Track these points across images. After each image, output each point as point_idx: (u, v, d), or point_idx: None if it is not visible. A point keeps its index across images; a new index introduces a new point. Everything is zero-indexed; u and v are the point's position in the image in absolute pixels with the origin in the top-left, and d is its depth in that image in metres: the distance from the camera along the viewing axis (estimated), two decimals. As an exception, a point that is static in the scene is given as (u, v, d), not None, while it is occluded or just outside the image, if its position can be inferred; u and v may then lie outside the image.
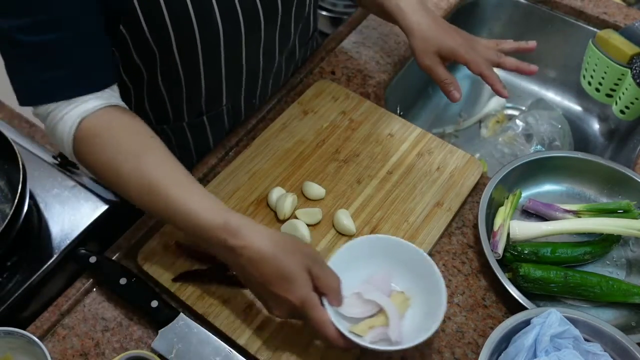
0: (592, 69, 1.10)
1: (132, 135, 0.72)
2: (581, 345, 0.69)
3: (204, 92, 0.89)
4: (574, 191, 0.95)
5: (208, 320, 0.76)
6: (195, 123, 0.95)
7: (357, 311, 0.72)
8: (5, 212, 0.90)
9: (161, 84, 0.86)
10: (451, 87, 0.86)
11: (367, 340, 0.69)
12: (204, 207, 0.68)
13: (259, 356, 0.73)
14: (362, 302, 0.73)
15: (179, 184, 0.69)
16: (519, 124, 1.19)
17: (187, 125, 0.95)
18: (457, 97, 0.86)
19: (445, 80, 0.86)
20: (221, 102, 0.93)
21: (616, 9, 1.19)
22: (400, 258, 0.76)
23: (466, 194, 0.91)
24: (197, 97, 0.89)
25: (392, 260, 0.76)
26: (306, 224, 0.84)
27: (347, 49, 1.13)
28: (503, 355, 0.69)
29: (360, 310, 0.72)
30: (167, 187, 0.68)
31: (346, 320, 0.71)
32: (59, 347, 0.76)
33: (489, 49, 0.89)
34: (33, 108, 0.72)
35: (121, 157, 0.70)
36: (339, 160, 0.93)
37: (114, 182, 0.71)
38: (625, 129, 1.20)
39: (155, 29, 0.75)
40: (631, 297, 0.80)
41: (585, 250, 0.85)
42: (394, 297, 0.74)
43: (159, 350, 0.74)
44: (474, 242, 0.87)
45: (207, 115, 0.94)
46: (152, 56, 0.80)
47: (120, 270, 0.79)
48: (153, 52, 0.79)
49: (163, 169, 0.70)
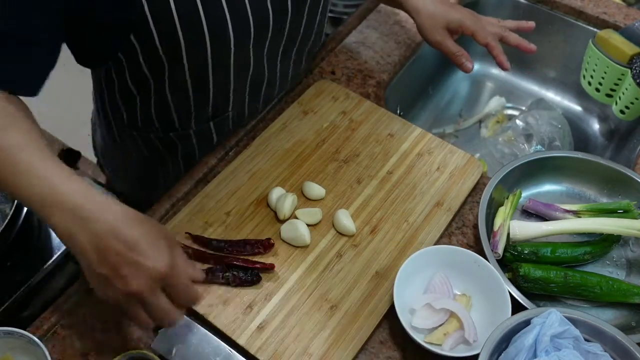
0: (592, 69, 1.10)
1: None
2: (581, 345, 0.69)
3: (211, 99, 0.88)
4: (574, 191, 0.95)
5: (208, 320, 0.76)
6: (202, 129, 0.95)
7: (431, 322, 0.76)
8: (5, 212, 0.90)
9: (168, 92, 0.85)
10: (463, 59, 0.91)
11: (446, 349, 0.73)
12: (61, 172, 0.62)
13: (259, 356, 0.73)
14: (432, 311, 0.76)
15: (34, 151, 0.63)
16: (519, 124, 1.19)
17: (193, 133, 0.95)
18: (470, 68, 0.91)
19: (457, 53, 0.92)
20: (228, 107, 0.92)
21: (616, 9, 1.19)
22: (451, 263, 0.80)
23: (466, 194, 0.91)
24: (204, 104, 0.89)
25: (445, 266, 0.80)
26: (306, 224, 0.84)
27: (347, 49, 1.13)
28: (503, 355, 0.69)
29: (433, 320, 0.76)
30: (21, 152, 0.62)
31: (419, 332, 0.75)
32: (59, 347, 0.76)
33: (493, 24, 0.95)
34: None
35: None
36: (339, 160, 0.93)
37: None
38: (625, 129, 1.20)
39: (165, 36, 0.75)
40: (631, 297, 0.80)
41: (585, 250, 0.85)
42: (459, 300, 0.78)
43: (159, 351, 0.74)
44: (474, 242, 0.87)
45: (214, 121, 0.94)
46: (160, 65, 0.79)
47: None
48: (162, 61, 0.78)
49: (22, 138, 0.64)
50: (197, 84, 0.84)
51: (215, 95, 0.88)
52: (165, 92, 0.85)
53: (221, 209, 0.86)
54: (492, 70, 1.37)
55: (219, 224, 0.84)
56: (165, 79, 0.82)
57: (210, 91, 0.86)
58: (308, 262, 0.82)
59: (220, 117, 0.94)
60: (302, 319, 0.77)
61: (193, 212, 0.85)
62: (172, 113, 0.90)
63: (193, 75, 0.82)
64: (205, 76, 0.83)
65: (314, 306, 0.78)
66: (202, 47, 0.77)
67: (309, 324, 0.76)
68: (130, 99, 0.88)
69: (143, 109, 0.90)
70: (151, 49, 0.76)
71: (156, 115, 0.91)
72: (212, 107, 0.90)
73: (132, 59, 0.79)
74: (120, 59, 0.79)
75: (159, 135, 0.95)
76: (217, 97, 0.89)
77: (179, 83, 0.83)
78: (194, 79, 0.83)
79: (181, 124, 0.92)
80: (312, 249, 0.83)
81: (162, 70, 0.80)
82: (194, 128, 0.94)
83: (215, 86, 0.86)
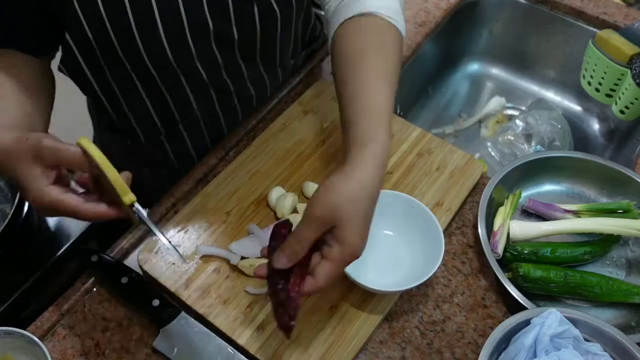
0: (592, 69, 1.10)
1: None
2: (581, 345, 0.69)
3: (170, 103, 0.88)
4: (574, 191, 0.95)
5: (208, 320, 0.76)
6: (172, 132, 0.95)
7: None
8: (5, 212, 0.90)
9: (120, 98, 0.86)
10: None
11: None
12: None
13: (259, 356, 0.73)
14: None
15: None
16: (519, 124, 1.19)
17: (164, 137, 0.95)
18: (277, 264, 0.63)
19: None
20: (192, 109, 0.92)
21: (616, 9, 1.19)
22: (397, 209, 0.81)
23: (466, 194, 0.91)
24: (165, 108, 0.89)
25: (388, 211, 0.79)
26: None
27: (347, 49, 1.12)
28: (503, 355, 0.69)
29: None
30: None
31: None
32: (59, 347, 0.76)
33: None
34: None
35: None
36: (339, 160, 0.93)
37: None
38: (625, 129, 1.20)
39: (98, 37, 0.75)
40: (631, 297, 0.80)
41: (585, 250, 0.85)
42: None
43: (160, 349, 0.74)
44: (474, 242, 0.87)
45: (183, 123, 0.94)
46: (100, 68, 0.80)
47: (122, 269, 0.79)
48: (101, 64, 0.79)
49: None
50: (147, 86, 0.85)
51: (172, 96, 0.88)
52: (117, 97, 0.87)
53: (221, 208, 0.86)
54: (492, 70, 1.37)
55: (219, 224, 0.85)
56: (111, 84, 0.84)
57: (165, 93, 0.86)
58: (308, 262, 0.82)
59: (189, 118, 0.93)
60: (302, 319, 0.77)
61: (193, 212, 0.86)
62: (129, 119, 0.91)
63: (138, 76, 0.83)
64: (150, 78, 0.83)
65: (313, 306, 0.78)
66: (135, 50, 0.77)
67: (309, 324, 0.76)
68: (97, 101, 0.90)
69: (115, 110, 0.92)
70: (87, 49, 0.77)
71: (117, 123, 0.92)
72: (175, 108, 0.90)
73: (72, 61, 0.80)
74: None
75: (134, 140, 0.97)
76: (175, 99, 0.88)
77: (126, 85, 0.84)
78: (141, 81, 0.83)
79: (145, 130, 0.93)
80: (312, 249, 0.83)
81: (103, 72, 0.81)
82: (163, 131, 0.94)
83: (167, 89, 0.86)
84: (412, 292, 0.82)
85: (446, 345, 0.78)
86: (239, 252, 0.80)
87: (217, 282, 0.79)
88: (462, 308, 0.81)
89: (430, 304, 0.81)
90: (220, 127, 0.98)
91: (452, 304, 0.81)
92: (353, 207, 0.61)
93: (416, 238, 0.81)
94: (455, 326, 0.79)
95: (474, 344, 0.78)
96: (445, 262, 0.85)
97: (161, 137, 0.94)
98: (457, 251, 0.86)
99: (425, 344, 0.77)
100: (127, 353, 0.76)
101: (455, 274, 0.84)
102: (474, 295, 0.82)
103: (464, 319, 0.80)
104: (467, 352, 0.77)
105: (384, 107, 0.66)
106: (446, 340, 0.78)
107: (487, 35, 1.33)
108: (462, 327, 0.79)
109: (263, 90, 0.97)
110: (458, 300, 0.82)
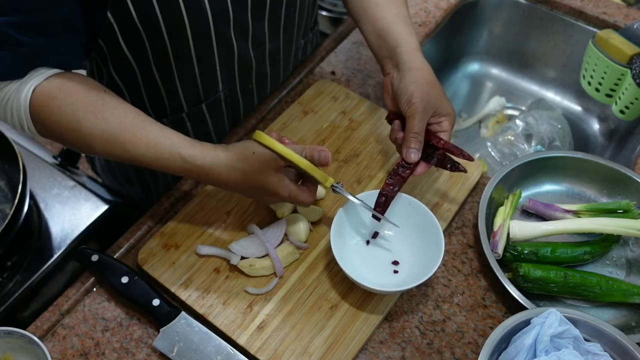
0: (592, 69, 1.10)
1: (87, 92, 0.72)
2: (581, 345, 0.69)
3: (198, 76, 0.88)
4: (574, 191, 0.95)
5: (208, 320, 0.76)
6: (195, 112, 0.95)
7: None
8: (5, 212, 0.90)
9: (156, 73, 0.86)
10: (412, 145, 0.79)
11: None
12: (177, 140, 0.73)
13: (259, 356, 0.74)
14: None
15: (143, 127, 0.72)
16: (519, 124, 1.19)
17: (186, 116, 0.95)
18: (412, 158, 0.79)
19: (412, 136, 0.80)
20: (217, 86, 0.93)
21: (616, 9, 1.19)
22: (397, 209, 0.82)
23: (466, 194, 0.91)
24: (192, 83, 0.89)
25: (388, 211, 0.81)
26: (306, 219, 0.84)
27: (347, 49, 1.13)
28: (503, 355, 0.69)
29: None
30: (132, 132, 0.72)
31: None
32: (59, 347, 0.76)
33: None
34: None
35: (80, 115, 0.71)
36: (339, 160, 0.93)
37: (77, 140, 0.72)
38: (625, 129, 1.20)
39: (143, 13, 0.75)
40: (631, 297, 0.80)
41: (585, 250, 0.85)
42: None
43: (161, 349, 0.74)
44: (474, 242, 0.87)
45: (206, 103, 0.94)
46: (141, 44, 0.79)
47: (122, 268, 0.79)
48: (142, 39, 0.79)
49: (124, 118, 0.72)
50: (181, 63, 0.85)
51: (201, 72, 0.88)
52: (153, 74, 0.86)
53: (221, 208, 0.86)
54: (492, 70, 1.37)
55: (219, 224, 0.85)
56: (150, 59, 0.83)
57: (195, 67, 0.86)
58: (308, 262, 0.82)
59: (212, 97, 0.94)
60: (302, 318, 0.77)
61: (193, 211, 0.86)
62: (162, 95, 0.90)
63: (177, 54, 0.82)
64: (187, 50, 0.83)
65: (314, 306, 0.78)
66: (181, 26, 0.78)
67: (309, 324, 0.76)
68: (118, 91, 0.89)
69: (133, 97, 0.91)
70: (131, 27, 0.76)
71: (148, 99, 0.91)
72: (202, 85, 0.90)
73: (112, 41, 0.79)
74: (100, 45, 0.80)
75: None
76: (204, 74, 0.89)
77: (164, 63, 0.83)
78: (177, 57, 0.83)
79: (172, 108, 0.92)
80: (312, 249, 0.83)
81: (144, 49, 0.81)
82: (186, 110, 0.94)
83: (200, 65, 0.86)
84: (412, 292, 0.82)
85: (446, 345, 0.78)
86: (239, 252, 0.80)
87: (217, 282, 0.79)
88: (462, 308, 0.81)
89: (430, 304, 0.81)
90: (238, 110, 1.00)
91: (452, 304, 0.81)
92: (438, 89, 0.82)
93: (416, 238, 0.81)
94: (455, 326, 0.79)
95: (474, 344, 0.78)
96: (445, 262, 0.85)
97: (183, 115, 0.94)
98: (457, 251, 0.86)
99: (425, 344, 0.77)
100: (127, 353, 0.76)
101: (455, 274, 0.84)
102: (474, 295, 0.82)
103: (464, 319, 0.80)
104: (467, 352, 0.77)
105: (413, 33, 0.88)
106: (446, 340, 0.78)
107: (487, 35, 1.34)
108: (462, 327, 0.79)
109: (277, 67, 1.01)
110: (458, 300, 0.82)
